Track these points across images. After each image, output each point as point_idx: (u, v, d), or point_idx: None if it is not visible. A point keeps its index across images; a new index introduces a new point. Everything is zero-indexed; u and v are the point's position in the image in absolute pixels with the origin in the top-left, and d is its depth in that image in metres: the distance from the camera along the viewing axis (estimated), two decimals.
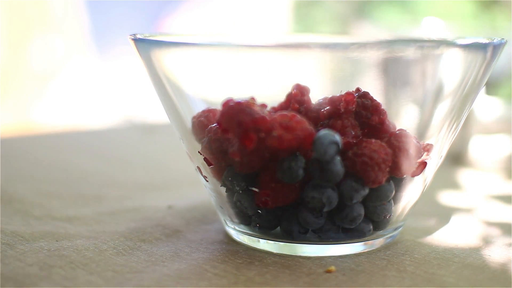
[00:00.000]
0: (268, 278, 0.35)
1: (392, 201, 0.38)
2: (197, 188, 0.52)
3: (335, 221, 0.38)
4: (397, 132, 0.37)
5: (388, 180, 0.37)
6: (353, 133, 0.37)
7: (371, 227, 0.39)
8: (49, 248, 0.38)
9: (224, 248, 0.39)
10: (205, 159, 0.39)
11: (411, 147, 0.37)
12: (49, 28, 1.81)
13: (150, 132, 0.80)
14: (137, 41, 0.39)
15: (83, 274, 0.35)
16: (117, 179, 0.56)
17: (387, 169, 0.36)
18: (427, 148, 0.39)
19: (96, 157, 0.66)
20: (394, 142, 0.37)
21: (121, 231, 0.42)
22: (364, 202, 0.37)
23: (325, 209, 0.36)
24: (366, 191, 0.37)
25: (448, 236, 0.42)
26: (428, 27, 0.84)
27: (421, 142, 0.38)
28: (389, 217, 0.39)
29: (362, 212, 0.37)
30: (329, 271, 0.36)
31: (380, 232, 0.40)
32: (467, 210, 0.49)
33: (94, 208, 0.47)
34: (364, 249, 0.39)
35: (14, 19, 1.75)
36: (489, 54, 0.37)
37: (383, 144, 0.37)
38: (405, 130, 0.38)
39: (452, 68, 0.37)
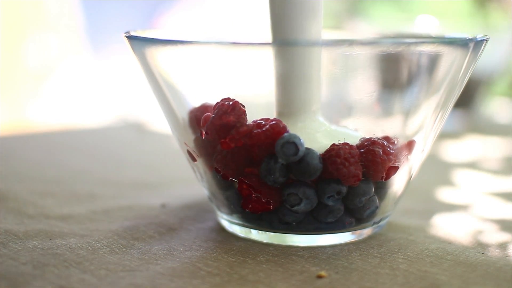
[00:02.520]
0: (261, 276, 0.35)
1: (375, 197, 0.39)
2: (190, 186, 0.52)
3: (314, 214, 0.38)
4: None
5: (366, 179, 0.38)
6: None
7: (353, 220, 0.39)
8: (42, 246, 0.38)
9: (217, 246, 0.40)
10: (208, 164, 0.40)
11: (380, 151, 0.37)
12: (44, 27, 1.80)
13: (143, 132, 0.80)
14: (131, 38, 0.39)
15: (76, 272, 0.35)
16: (111, 177, 0.56)
17: (358, 167, 0.37)
18: (410, 146, 0.39)
19: (90, 155, 0.66)
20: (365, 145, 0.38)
21: (114, 229, 0.42)
22: (345, 199, 0.38)
23: (303, 205, 0.37)
24: (343, 188, 0.37)
25: (442, 234, 0.42)
26: (422, 25, 0.84)
27: (401, 142, 0.39)
28: (373, 211, 0.39)
29: (341, 206, 0.38)
30: (320, 276, 0.35)
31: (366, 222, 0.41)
32: (461, 208, 0.49)
33: (87, 207, 0.47)
34: (353, 239, 0.40)
35: (9, 18, 1.74)
36: (471, 50, 0.38)
37: (352, 144, 0.37)
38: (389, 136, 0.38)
39: (435, 64, 0.38)
